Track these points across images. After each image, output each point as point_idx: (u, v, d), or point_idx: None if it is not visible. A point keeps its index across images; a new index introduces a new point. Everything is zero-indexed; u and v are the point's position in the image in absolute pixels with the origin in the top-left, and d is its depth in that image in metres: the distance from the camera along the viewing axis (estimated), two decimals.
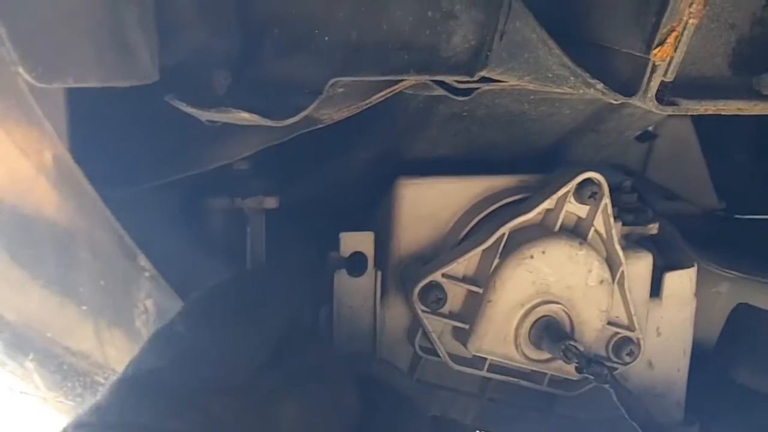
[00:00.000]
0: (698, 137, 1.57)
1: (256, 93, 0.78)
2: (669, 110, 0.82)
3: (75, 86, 0.61)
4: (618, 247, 1.08)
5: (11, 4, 0.55)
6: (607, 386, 1.03)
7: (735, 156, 1.65)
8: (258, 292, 0.82)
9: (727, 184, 1.61)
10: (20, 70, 0.58)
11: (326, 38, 0.78)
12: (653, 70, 0.78)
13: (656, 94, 0.80)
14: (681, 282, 1.22)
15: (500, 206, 1.08)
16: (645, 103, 0.80)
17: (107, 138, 0.82)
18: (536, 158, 1.14)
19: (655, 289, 1.20)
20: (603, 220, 1.07)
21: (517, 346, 1.06)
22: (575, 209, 1.07)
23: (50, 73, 0.59)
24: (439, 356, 1.09)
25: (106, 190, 0.74)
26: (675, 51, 0.77)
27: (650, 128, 1.41)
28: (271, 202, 1.02)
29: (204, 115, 0.76)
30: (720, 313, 1.39)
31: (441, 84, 0.84)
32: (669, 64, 0.78)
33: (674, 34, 0.76)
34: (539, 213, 1.05)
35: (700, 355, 1.30)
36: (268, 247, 1.02)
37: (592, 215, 1.07)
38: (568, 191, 1.04)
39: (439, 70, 0.79)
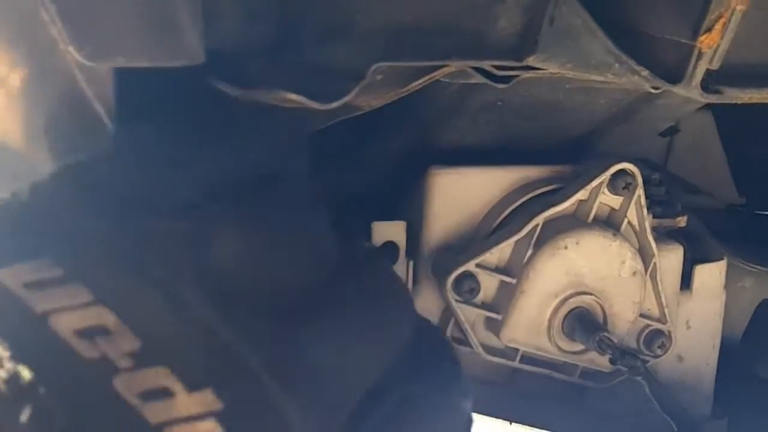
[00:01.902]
0: (719, 132, 1.57)
1: (298, 78, 0.77)
2: (713, 98, 0.81)
3: (124, 66, 0.61)
4: (651, 239, 1.08)
5: None
6: (640, 378, 1.02)
7: (756, 151, 1.64)
8: None
9: (747, 180, 1.60)
10: (70, 48, 0.57)
11: (368, 23, 0.77)
12: (699, 58, 0.77)
13: (701, 82, 0.79)
14: (711, 275, 1.21)
15: (533, 196, 1.07)
16: (689, 91, 0.79)
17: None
18: (569, 148, 1.13)
19: (685, 282, 1.20)
20: (636, 212, 1.07)
21: (550, 337, 1.05)
22: (609, 200, 1.06)
23: (100, 52, 0.59)
24: (470, 346, 1.08)
25: None
26: (722, 38, 0.76)
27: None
28: None
29: (249, 96, 0.75)
30: (745, 308, 1.38)
31: (480, 71, 0.83)
32: (715, 51, 0.77)
33: (722, 20, 0.75)
34: (573, 204, 1.05)
35: (726, 349, 1.30)
36: None
37: (625, 206, 1.06)
38: (602, 182, 1.04)
39: (485, 55, 0.78)
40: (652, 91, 0.84)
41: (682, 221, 1.19)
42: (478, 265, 1.03)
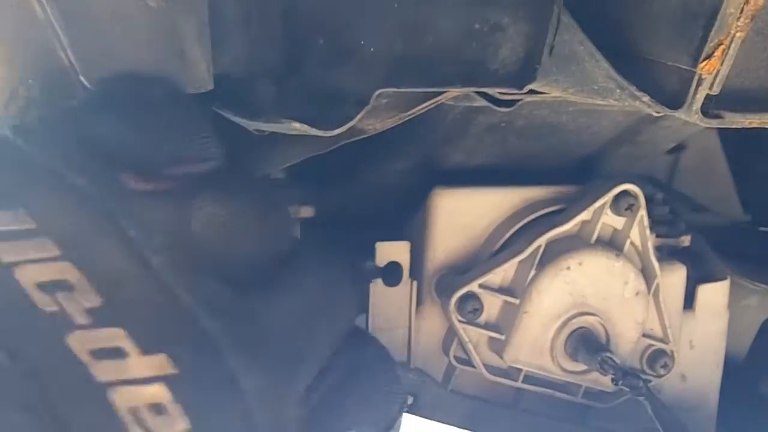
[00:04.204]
0: (724, 149, 1.57)
1: (302, 103, 0.78)
2: (714, 123, 0.81)
3: None
4: (654, 259, 1.08)
5: (72, 15, 0.56)
6: (642, 399, 1.03)
7: (760, 167, 1.64)
8: None
9: (752, 197, 1.60)
10: (81, 77, 0.59)
11: (371, 49, 0.78)
12: (699, 83, 0.78)
13: (701, 107, 0.80)
14: (714, 295, 1.21)
15: (536, 217, 1.08)
16: (690, 116, 0.80)
17: None
18: (572, 169, 1.14)
19: (689, 302, 1.20)
20: (639, 232, 1.07)
21: (553, 357, 1.06)
22: (612, 221, 1.07)
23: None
24: (474, 367, 1.09)
25: None
26: (722, 64, 0.77)
27: None
28: (307, 212, 1.02)
29: (252, 125, 0.76)
30: (749, 327, 1.38)
31: (483, 95, 0.84)
32: (715, 77, 0.78)
33: (722, 47, 0.75)
34: (576, 224, 1.05)
35: (730, 368, 1.30)
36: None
37: (628, 227, 1.07)
38: (605, 203, 1.04)
39: (487, 82, 0.78)
40: (655, 114, 0.85)
41: (685, 241, 1.20)
42: (481, 286, 1.04)
